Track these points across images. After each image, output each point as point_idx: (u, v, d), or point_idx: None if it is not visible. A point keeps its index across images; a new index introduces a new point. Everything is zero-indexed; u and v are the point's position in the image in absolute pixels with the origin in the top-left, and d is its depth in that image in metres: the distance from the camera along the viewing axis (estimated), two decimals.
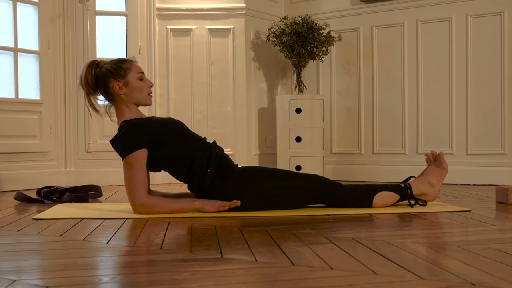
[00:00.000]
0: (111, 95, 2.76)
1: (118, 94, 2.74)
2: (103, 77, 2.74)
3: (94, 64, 2.77)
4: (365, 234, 2.14)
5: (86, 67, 2.76)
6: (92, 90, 2.76)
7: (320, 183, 2.80)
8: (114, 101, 2.77)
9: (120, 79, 2.74)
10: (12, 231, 2.28)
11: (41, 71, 4.44)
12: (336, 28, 4.91)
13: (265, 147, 5.10)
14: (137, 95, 2.76)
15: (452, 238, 2.07)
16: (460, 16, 4.45)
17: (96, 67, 2.77)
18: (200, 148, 2.75)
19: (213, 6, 4.85)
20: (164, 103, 4.79)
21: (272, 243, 1.93)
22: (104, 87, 2.75)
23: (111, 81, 2.74)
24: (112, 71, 2.74)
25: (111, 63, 2.77)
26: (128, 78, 2.75)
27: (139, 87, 2.76)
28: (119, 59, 2.81)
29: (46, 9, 4.48)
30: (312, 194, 2.78)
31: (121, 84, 2.74)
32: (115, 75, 2.74)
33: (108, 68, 2.75)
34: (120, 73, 2.74)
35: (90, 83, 2.74)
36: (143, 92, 2.77)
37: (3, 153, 4.17)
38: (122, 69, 2.75)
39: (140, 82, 2.77)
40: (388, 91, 4.78)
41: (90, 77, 2.74)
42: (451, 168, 4.31)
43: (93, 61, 2.80)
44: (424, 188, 2.86)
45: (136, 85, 2.76)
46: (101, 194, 3.59)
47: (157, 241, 1.98)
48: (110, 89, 2.74)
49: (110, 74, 2.74)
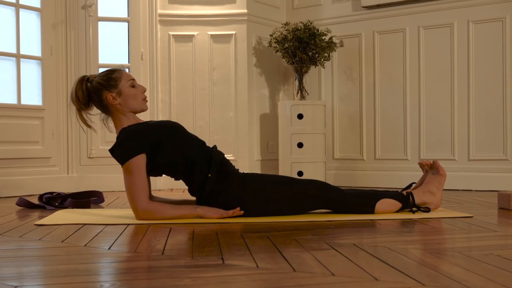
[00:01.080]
0: (106, 106, 2.77)
1: (113, 105, 2.75)
2: (95, 91, 2.75)
3: (84, 79, 2.78)
4: (367, 240, 2.14)
5: (76, 83, 2.77)
6: (83, 106, 2.76)
7: (321, 188, 2.80)
8: (110, 112, 2.78)
9: (113, 89, 2.74)
10: (14, 237, 2.28)
11: (44, 77, 4.45)
12: (338, 34, 4.92)
13: (267, 153, 5.10)
14: (131, 103, 2.76)
15: (454, 244, 2.07)
16: (462, 22, 4.45)
17: (87, 82, 2.77)
18: (201, 151, 2.76)
19: (215, 12, 4.86)
20: (166, 109, 4.80)
21: (273, 249, 1.93)
22: (98, 100, 2.76)
23: (104, 93, 2.74)
24: (103, 83, 2.75)
25: (101, 75, 2.78)
26: (120, 87, 2.75)
27: (132, 94, 2.76)
28: (108, 70, 2.82)
29: (49, 15, 4.49)
30: (313, 199, 2.78)
31: (114, 94, 2.74)
32: (107, 86, 2.74)
33: (99, 80, 2.75)
34: (111, 83, 2.75)
35: (81, 98, 2.75)
36: (137, 98, 2.78)
37: (5, 158, 4.18)
38: (113, 79, 2.76)
39: (132, 89, 2.77)
40: (390, 97, 4.78)
41: (80, 92, 2.75)
42: (453, 174, 4.31)
43: (83, 76, 2.81)
44: (426, 197, 2.85)
45: (129, 92, 2.76)
46: (103, 200, 3.59)
47: (158, 247, 1.98)
48: (104, 101, 2.75)
49: (101, 86, 2.74)
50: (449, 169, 4.12)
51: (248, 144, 4.87)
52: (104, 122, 2.83)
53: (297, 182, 2.80)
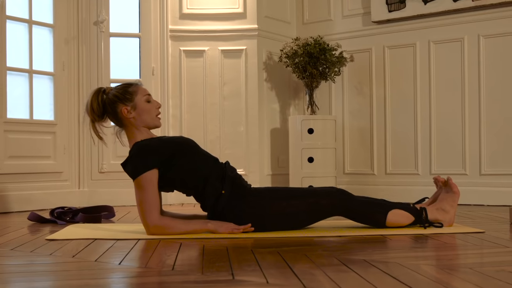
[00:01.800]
0: (120, 119, 2.78)
1: (127, 118, 2.76)
2: (111, 103, 2.76)
3: (101, 91, 2.79)
4: (378, 256, 2.12)
5: (92, 94, 2.77)
6: (97, 117, 2.76)
7: (334, 197, 2.77)
8: (124, 125, 2.79)
9: (128, 103, 2.75)
10: (25, 251, 2.29)
11: (56, 92, 4.49)
12: (348, 49, 4.92)
13: (278, 168, 5.09)
14: (145, 117, 2.77)
15: (465, 260, 2.05)
16: (472, 36, 4.45)
17: (103, 93, 2.78)
18: (213, 167, 2.76)
19: (225, 28, 4.89)
20: (177, 124, 4.81)
21: (284, 264, 1.92)
22: (112, 113, 2.77)
23: (119, 105, 2.75)
24: (119, 95, 2.76)
25: (117, 88, 2.79)
26: (136, 101, 2.76)
27: (147, 109, 2.77)
28: (124, 83, 2.83)
29: (61, 31, 4.54)
30: (326, 209, 2.76)
31: (129, 108, 2.75)
32: (122, 99, 2.75)
33: (115, 93, 2.76)
34: (127, 97, 2.76)
35: (96, 110, 2.75)
36: (151, 114, 2.78)
37: (18, 173, 4.20)
38: (129, 93, 2.77)
39: (147, 104, 2.78)
40: (401, 111, 4.77)
41: (96, 104, 2.75)
42: (465, 189, 4.28)
43: (99, 88, 2.82)
44: (439, 215, 2.84)
45: (144, 107, 2.77)
46: (114, 215, 3.61)
47: (169, 262, 1.98)
48: (118, 113, 2.76)
49: (117, 99, 2.75)
50: (460, 183, 4.09)
51: (258, 158, 4.88)
52: (117, 135, 2.84)
53: (310, 193, 2.79)
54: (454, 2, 4.46)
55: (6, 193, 4.11)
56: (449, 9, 4.50)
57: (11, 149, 4.17)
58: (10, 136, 4.17)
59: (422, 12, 4.61)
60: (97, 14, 4.61)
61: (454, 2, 4.47)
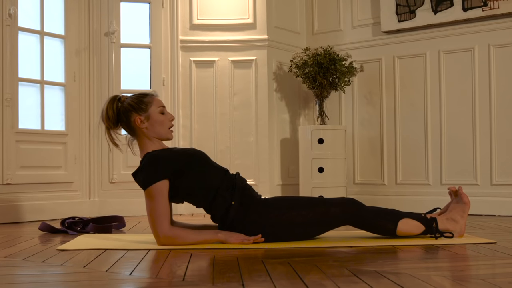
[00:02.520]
0: (133, 129, 2.79)
1: (140, 128, 2.77)
2: (125, 112, 2.77)
3: (116, 99, 2.80)
4: (389, 266, 2.12)
5: (108, 102, 2.79)
6: (112, 125, 2.78)
7: (344, 206, 2.76)
8: (136, 134, 2.80)
9: (142, 113, 2.76)
10: (37, 262, 2.29)
11: (67, 102, 4.52)
12: (358, 59, 4.93)
13: (288, 178, 5.09)
14: (158, 129, 2.78)
15: (477, 271, 2.04)
16: (483, 46, 4.44)
17: (118, 101, 2.79)
18: (223, 179, 2.76)
19: (235, 38, 4.90)
20: (187, 134, 4.83)
21: (294, 275, 1.92)
22: (126, 121, 2.78)
23: (133, 115, 2.76)
24: (134, 105, 2.77)
25: (133, 97, 2.81)
26: (150, 112, 2.77)
27: (160, 121, 2.78)
28: (140, 93, 2.84)
29: (72, 42, 4.57)
30: (337, 218, 2.75)
31: (143, 118, 2.76)
32: (137, 109, 2.76)
33: (130, 102, 2.78)
34: (142, 107, 2.77)
35: (111, 117, 2.77)
36: (164, 126, 2.79)
37: (29, 183, 4.23)
38: (144, 103, 2.78)
39: (161, 115, 2.79)
40: (411, 121, 4.76)
41: (111, 111, 2.77)
42: (476, 199, 4.26)
43: (115, 96, 2.83)
44: (449, 225, 2.82)
45: (157, 118, 2.78)
46: (125, 225, 3.61)
47: (179, 273, 1.98)
48: (132, 123, 2.77)
49: (131, 108, 2.77)
50: (471, 194, 4.08)
51: (268, 168, 4.88)
52: (129, 144, 2.84)
53: (320, 202, 2.78)
54: (464, 12, 4.46)
55: (17, 203, 4.13)
56: (459, 19, 4.50)
57: (23, 160, 4.19)
58: (21, 146, 4.19)
59: (432, 22, 4.61)
60: (108, 25, 4.64)
61: (464, 11, 4.46)
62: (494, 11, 4.34)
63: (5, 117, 4.09)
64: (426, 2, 4.63)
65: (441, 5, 4.57)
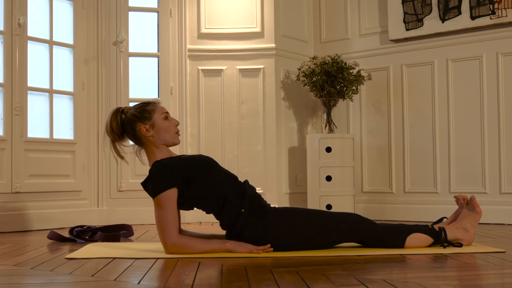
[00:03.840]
0: (139, 138, 2.80)
1: (146, 137, 2.78)
2: (129, 122, 2.78)
3: (119, 111, 2.82)
4: (397, 275, 2.11)
5: (111, 114, 2.80)
6: (117, 137, 2.79)
7: (353, 222, 2.77)
8: (143, 143, 2.81)
9: (146, 121, 2.78)
10: (45, 270, 2.30)
11: (75, 111, 4.54)
12: (365, 67, 4.93)
13: (296, 186, 5.09)
14: (164, 135, 2.79)
15: (487, 281, 2.03)
16: (491, 54, 4.43)
17: (121, 113, 2.81)
18: (233, 186, 2.76)
19: (243, 47, 4.92)
20: (195, 143, 4.84)
21: (302, 284, 1.91)
22: (131, 132, 2.79)
23: (137, 124, 2.77)
24: (137, 114, 2.78)
25: (135, 107, 2.82)
26: (154, 120, 2.78)
27: (165, 127, 2.79)
28: (142, 102, 2.86)
29: (81, 51, 4.60)
30: (345, 233, 2.76)
31: (148, 126, 2.77)
32: (141, 118, 2.78)
33: (133, 112, 2.79)
34: (145, 115, 2.78)
35: (116, 130, 2.78)
36: (170, 131, 2.80)
37: (38, 192, 4.25)
38: (147, 111, 2.79)
39: (166, 122, 2.80)
40: (419, 129, 4.76)
41: (115, 124, 2.78)
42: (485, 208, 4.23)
43: (117, 108, 2.85)
44: (458, 233, 2.82)
45: (162, 125, 2.79)
46: (133, 233, 3.62)
47: (187, 282, 1.98)
48: (137, 132, 2.78)
49: (135, 118, 2.78)
50: (480, 202, 4.02)
51: (276, 177, 4.88)
52: (137, 154, 2.86)
53: (329, 216, 2.78)
54: (472, 20, 4.46)
55: (26, 212, 4.15)
56: (467, 27, 4.49)
57: (31, 168, 4.21)
58: (30, 155, 4.21)
59: (440, 30, 4.61)
60: (116, 34, 4.66)
61: (472, 20, 4.46)
62: (502, 19, 4.33)
63: (14, 126, 4.12)
64: (433, 10, 4.64)
65: (449, 14, 4.57)
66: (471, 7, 4.46)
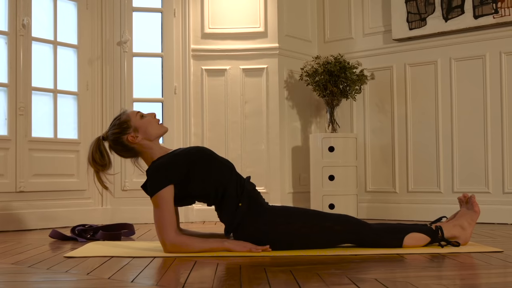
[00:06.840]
0: (132, 148, 2.83)
1: (137, 143, 2.81)
2: (116, 141, 2.82)
3: (99, 140, 2.85)
4: (391, 275, 2.11)
5: (93, 146, 2.84)
6: (100, 167, 2.82)
7: (349, 223, 2.79)
8: (137, 151, 2.85)
9: (129, 130, 2.81)
10: (42, 269, 2.32)
11: (79, 111, 4.57)
12: (369, 66, 4.93)
13: (299, 186, 5.09)
14: (150, 130, 2.82)
15: (480, 280, 2.03)
16: (494, 53, 4.42)
17: (102, 141, 2.85)
18: (231, 175, 2.78)
19: (247, 47, 4.93)
20: (198, 142, 4.85)
21: (293, 283, 1.92)
22: (122, 147, 2.83)
23: (123, 138, 2.81)
24: (118, 130, 2.82)
25: (112, 126, 2.85)
26: (133, 125, 2.81)
27: (147, 123, 2.83)
28: (114, 119, 2.88)
29: (85, 51, 4.63)
30: (341, 234, 2.77)
31: (133, 134, 2.81)
32: (123, 131, 2.81)
33: (113, 131, 2.83)
34: (124, 126, 2.81)
35: (99, 160, 2.82)
36: (153, 124, 2.83)
37: (42, 191, 4.28)
38: (124, 122, 2.82)
39: (144, 119, 2.84)
40: (422, 129, 4.75)
41: (97, 155, 2.82)
42: (488, 207, 4.23)
43: (96, 138, 2.87)
44: (455, 231, 2.82)
45: (143, 123, 2.82)
46: (134, 232, 3.64)
47: (181, 281, 2.00)
48: (127, 144, 2.82)
49: (118, 134, 2.81)
50: (483, 202, 4.05)
51: (280, 176, 4.88)
52: (135, 165, 2.91)
53: (326, 217, 2.79)
54: (475, 19, 4.45)
55: (30, 211, 4.18)
56: (470, 26, 4.48)
57: (36, 168, 4.25)
58: (34, 154, 4.25)
59: (443, 30, 4.60)
60: (120, 34, 4.69)
61: (475, 19, 4.45)
62: (505, 18, 4.32)
63: (18, 126, 4.16)
64: (437, 9, 4.63)
65: (452, 13, 4.56)
66: (474, 6, 4.45)
